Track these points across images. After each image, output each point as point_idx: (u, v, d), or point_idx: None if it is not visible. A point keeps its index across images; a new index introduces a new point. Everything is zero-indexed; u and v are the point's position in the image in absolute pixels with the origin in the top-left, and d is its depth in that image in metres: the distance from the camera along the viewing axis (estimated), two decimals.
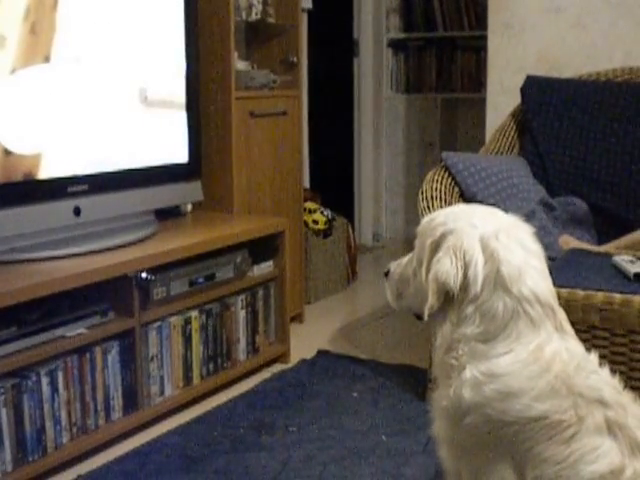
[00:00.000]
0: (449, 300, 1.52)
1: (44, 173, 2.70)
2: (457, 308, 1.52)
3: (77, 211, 2.82)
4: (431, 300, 1.51)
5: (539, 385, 1.43)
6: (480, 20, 5.07)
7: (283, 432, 2.71)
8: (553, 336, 1.49)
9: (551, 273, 1.57)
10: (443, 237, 1.55)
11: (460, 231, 1.53)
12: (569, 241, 2.93)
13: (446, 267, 1.50)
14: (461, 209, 1.63)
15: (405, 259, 1.71)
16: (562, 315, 1.53)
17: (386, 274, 1.76)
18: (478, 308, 1.49)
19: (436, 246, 1.55)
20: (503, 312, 1.48)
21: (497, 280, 1.49)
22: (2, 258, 2.56)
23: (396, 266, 1.74)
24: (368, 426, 2.74)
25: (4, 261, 2.56)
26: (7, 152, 2.58)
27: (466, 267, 1.50)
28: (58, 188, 2.75)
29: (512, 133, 3.48)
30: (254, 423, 2.77)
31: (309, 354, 3.42)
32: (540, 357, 1.45)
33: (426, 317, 1.55)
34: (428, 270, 1.55)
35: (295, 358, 3.37)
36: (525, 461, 1.45)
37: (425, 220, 1.64)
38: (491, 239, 1.52)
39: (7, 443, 2.30)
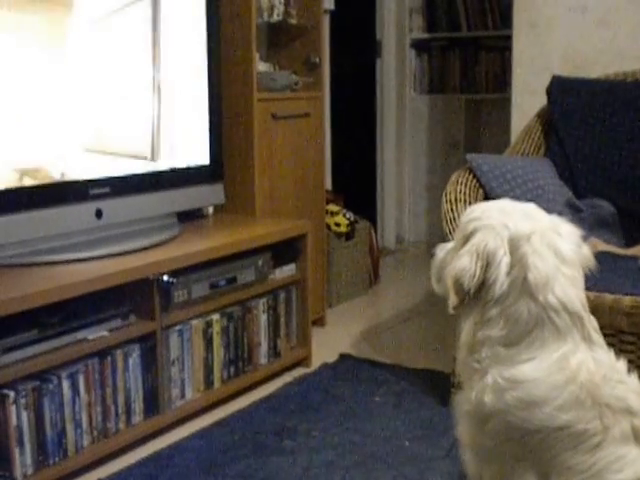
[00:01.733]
0: (475, 299, 1.49)
1: (66, 175, 2.70)
2: (482, 308, 1.49)
3: (99, 214, 2.81)
4: (451, 296, 1.50)
5: (563, 395, 1.42)
6: (504, 19, 5.02)
7: (305, 437, 2.69)
8: (580, 346, 1.46)
9: None
10: (472, 233, 1.53)
11: (489, 230, 1.51)
12: (596, 244, 2.88)
13: (463, 264, 1.48)
14: (500, 206, 1.59)
15: (450, 244, 1.70)
16: (592, 324, 1.50)
17: (433, 256, 1.74)
18: (503, 311, 1.48)
19: (465, 241, 1.54)
20: (527, 318, 1.46)
21: (524, 286, 1.47)
22: (24, 260, 2.57)
23: (441, 249, 1.72)
24: (390, 431, 2.72)
25: (26, 264, 2.56)
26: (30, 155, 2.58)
27: (487, 267, 1.47)
28: (80, 191, 2.75)
29: (538, 134, 3.44)
30: (275, 427, 2.75)
31: (331, 358, 3.40)
32: (565, 367, 1.43)
33: (450, 311, 1.54)
34: None
35: (317, 362, 3.35)
36: (549, 469, 1.43)
37: (466, 212, 1.63)
38: (522, 242, 1.49)
39: (28, 446, 2.30)
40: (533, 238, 1.49)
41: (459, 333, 1.58)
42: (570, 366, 1.43)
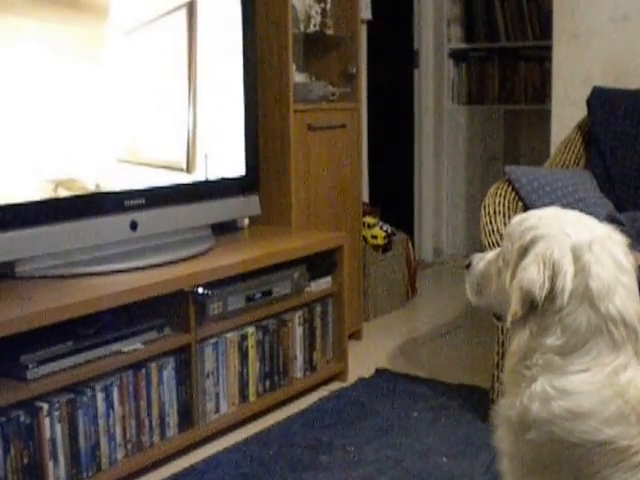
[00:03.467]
0: (532, 308, 1.45)
1: (101, 187, 2.70)
2: (539, 317, 1.45)
3: (134, 225, 2.81)
4: (514, 307, 1.46)
5: (610, 409, 1.37)
6: (544, 29, 4.95)
7: (341, 452, 2.65)
8: (631, 361, 1.42)
9: None
10: (533, 242, 1.48)
11: (552, 238, 1.46)
12: (638, 258, 2.81)
13: (532, 275, 1.43)
14: (554, 214, 1.55)
15: (490, 255, 1.65)
16: None
17: (467, 266, 1.69)
18: (561, 320, 1.43)
19: (524, 251, 1.49)
20: (586, 328, 1.42)
21: (585, 294, 1.42)
22: (59, 272, 2.57)
23: (479, 260, 1.67)
24: (428, 447, 2.67)
25: (61, 275, 2.56)
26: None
27: (554, 277, 1.43)
28: (115, 202, 2.75)
29: (578, 146, 3.38)
30: (311, 442, 2.72)
31: (367, 372, 3.36)
32: (615, 382, 1.39)
33: (508, 324, 1.49)
34: (513, 275, 1.49)
35: (353, 376, 3.31)
36: None
37: (514, 221, 1.58)
38: (584, 250, 1.45)
39: (62, 459, 2.29)
40: (594, 246, 1.45)
41: (509, 341, 1.54)
42: (619, 381, 1.39)
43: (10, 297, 2.36)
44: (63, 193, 2.60)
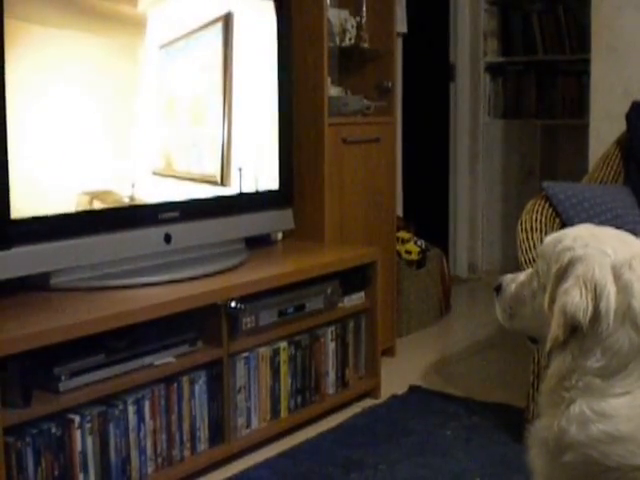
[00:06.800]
0: (574, 331, 1.42)
1: (135, 199, 2.71)
2: (581, 339, 1.42)
3: (168, 238, 2.81)
4: (556, 332, 1.42)
5: None
6: (582, 43, 4.90)
7: (372, 470, 2.62)
8: None
9: None
10: (571, 264, 1.44)
11: (590, 259, 1.43)
12: None
13: (575, 300, 1.40)
14: (589, 232, 1.51)
15: (522, 276, 1.62)
16: None
17: (497, 289, 1.66)
18: (602, 341, 1.40)
19: (563, 273, 1.45)
20: (628, 349, 1.38)
21: (627, 315, 1.39)
22: (93, 284, 2.58)
23: (509, 281, 1.64)
24: (461, 467, 2.63)
25: (94, 287, 2.57)
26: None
27: (597, 299, 1.39)
28: (149, 215, 2.76)
29: (617, 162, 3.33)
30: (342, 460, 2.69)
31: (400, 389, 3.32)
32: None
33: (548, 349, 1.45)
34: (552, 299, 1.46)
35: (386, 393, 3.28)
36: None
37: (549, 241, 1.54)
38: (624, 268, 1.41)
39: (92, 471, 2.28)
40: (634, 264, 1.42)
41: (548, 363, 1.50)
42: None
43: (44, 308, 2.38)
44: (98, 205, 2.61)
